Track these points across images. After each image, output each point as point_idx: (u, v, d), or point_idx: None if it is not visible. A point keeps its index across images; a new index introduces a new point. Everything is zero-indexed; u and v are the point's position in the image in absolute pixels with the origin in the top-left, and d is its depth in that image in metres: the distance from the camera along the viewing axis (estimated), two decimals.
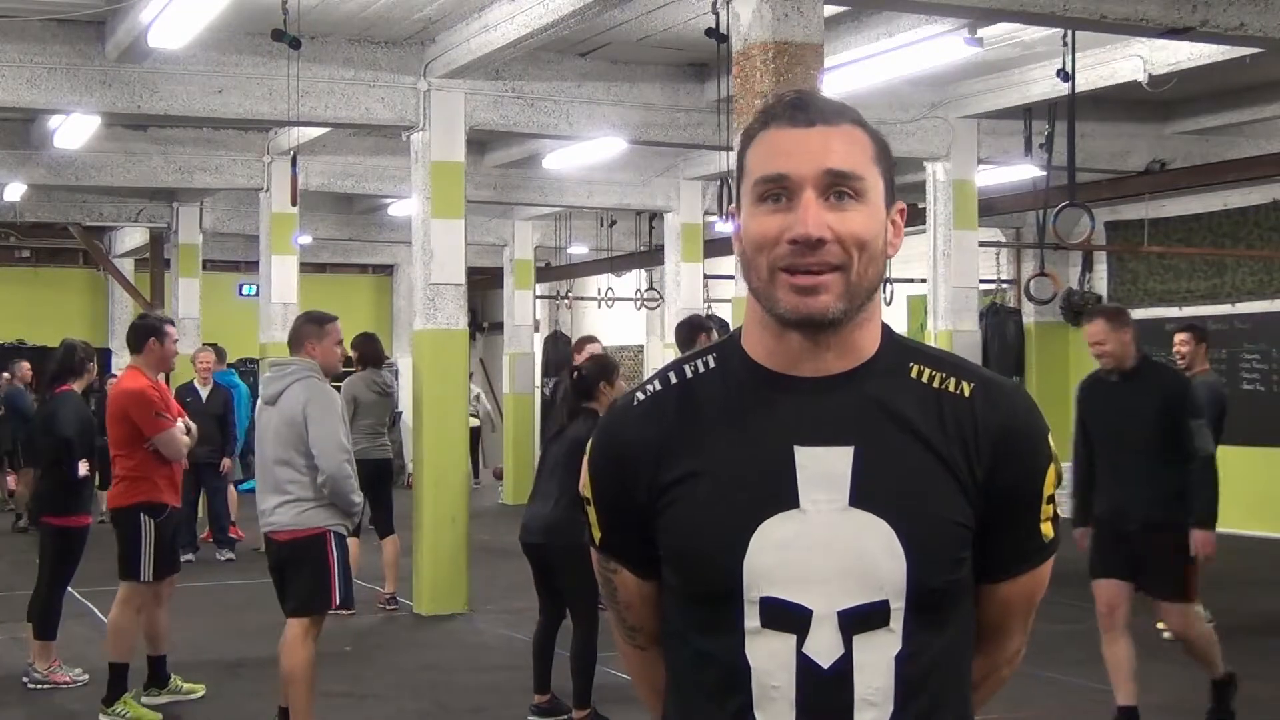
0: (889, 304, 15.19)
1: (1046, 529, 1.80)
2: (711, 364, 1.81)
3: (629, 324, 21.16)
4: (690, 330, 8.03)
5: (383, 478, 9.90)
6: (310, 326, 6.30)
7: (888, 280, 14.98)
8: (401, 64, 10.17)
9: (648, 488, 1.77)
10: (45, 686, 7.54)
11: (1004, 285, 16.80)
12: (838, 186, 1.69)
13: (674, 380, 1.81)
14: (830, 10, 7.70)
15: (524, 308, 19.29)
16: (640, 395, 1.83)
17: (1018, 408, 1.78)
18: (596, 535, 1.87)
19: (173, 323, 7.39)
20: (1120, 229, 15.17)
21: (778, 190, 1.70)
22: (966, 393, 1.76)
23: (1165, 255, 14.81)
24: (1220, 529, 8.57)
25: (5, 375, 16.71)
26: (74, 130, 11.68)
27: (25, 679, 7.64)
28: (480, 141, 13.75)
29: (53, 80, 9.53)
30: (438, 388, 10.21)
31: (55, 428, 7.41)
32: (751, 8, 6.53)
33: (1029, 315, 15.95)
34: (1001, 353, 15.56)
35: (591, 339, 9.49)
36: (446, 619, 9.75)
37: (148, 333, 7.02)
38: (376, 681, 7.74)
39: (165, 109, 10.05)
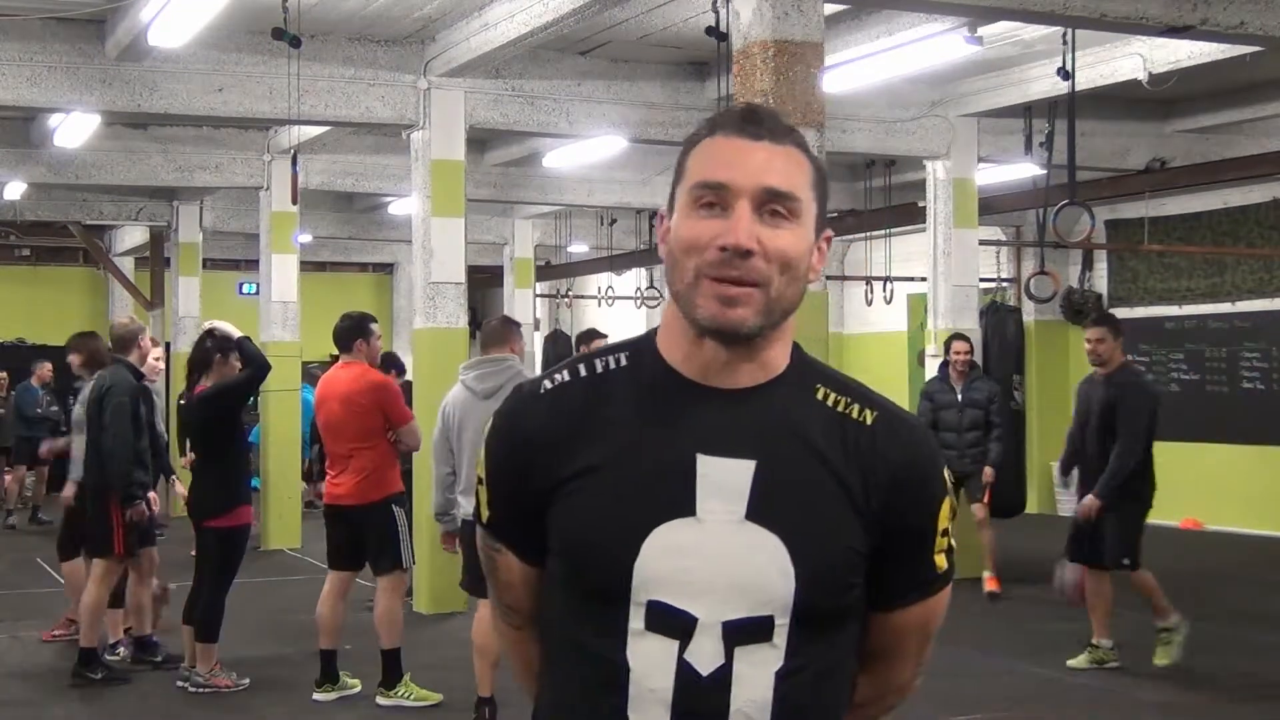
0: (889, 303, 15.20)
1: (940, 560, 1.80)
2: (624, 361, 1.82)
3: (629, 322, 21.15)
4: None
5: None
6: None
7: (887, 279, 15.06)
8: (401, 62, 10.17)
9: (545, 478, 1.77)
10: (207, 690, 7.43)
11: (1004, 284, 16.80)
12: (773, 204, 1.71)
13: (583, 373, 1.81)
14: (830, 8, 7.70)
15: (524, 306, 19.28)
16: (547, 384, 1.82)
17: (917, 442, 1.79)
18: (485, 514, 1.87)
19: (375, 320, 7.51)
20: (1120, 227, 15.17)
21: (714, 198, 1.72)
22: (869, 421, 1.77)
23: (1165, 254, 14.81)
24: (1221, 527, 8.55)
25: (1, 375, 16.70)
26: (74, 129, 11.67)
27: (184, 683, 7.51)
28: (480, 140, 13.75)
29: (53, 79, 9.53)
30: (438, 386, 10.19)
31: (214, 427, 7.40)
32: (751, 6, 6.53)
33: (1029, 314, 15.93)
34: (1001, 351, 15.50)
35: (597, 334, 9.48)
36: (446, 617, 9.75)
37: (356, 333, 7.26)
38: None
39: (165, 107, 10.05)
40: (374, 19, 9.65)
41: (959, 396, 10.22)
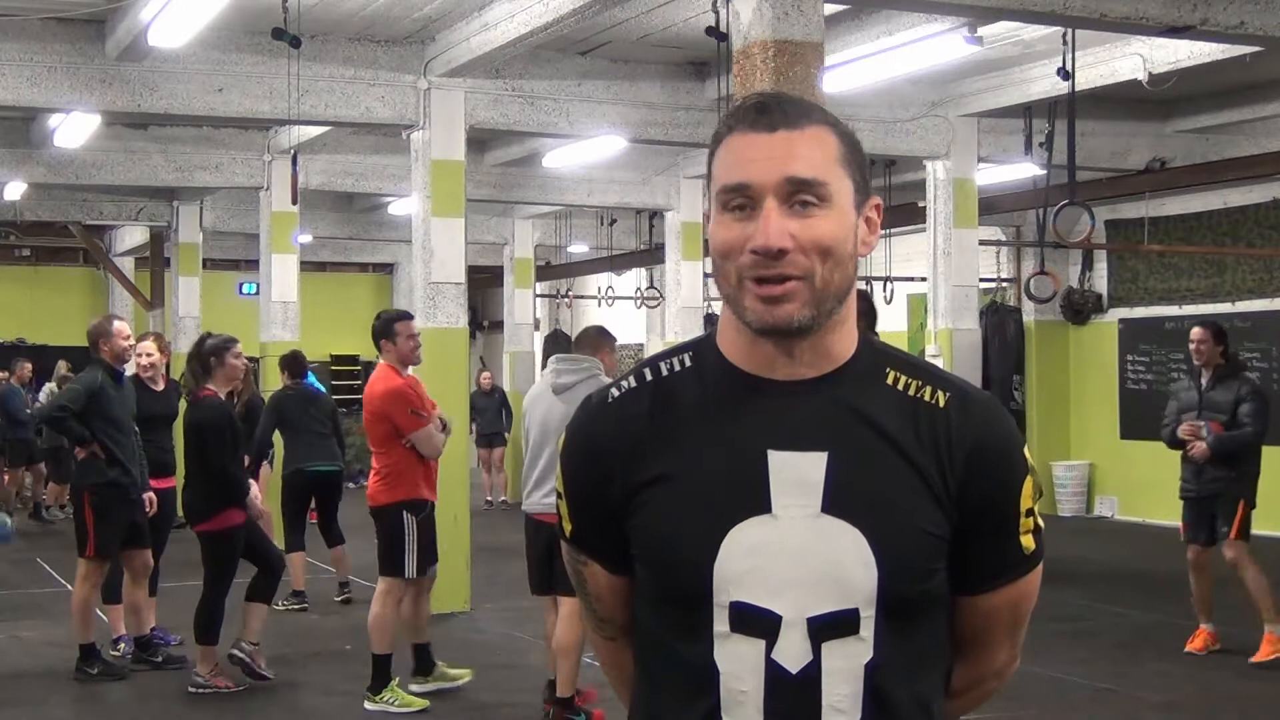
0: (889, 303, 15.19)
1: (1027, 541, 1.78)
2: (687, 362, 1.80)
3: (629, 323, 21.15)
4: None
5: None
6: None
7: (887, 279, 15.06)
8: (401, 62, 10.16)
9: (621, 486, 1.76)
10: (207, 691, 7.43)
11: (1004, 284, 16.80)
12: (800, 194, 1.68)
13: (649, 377, 1.81)
14: (830, 9, 7.69)
15: (524, 306, 19.28)
16: (615, 392, 1.82)
17: (992, 420, 1.76)
18: (567, 528, 1.87)
19: (411, 317, 7.47)
20: (1120, 227, 15.17)
21: (741, 199, 1.69)
22: (941, 403, 1.74)
23: (1165, 254, 14.81)
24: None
25: (3, 374, 16.71)
26: (74, 129, 11.68)
27: (189, 687, 7.52)
28: (480, 140, 13.75)
29: (53, 79, 9.53)
30: (438, 386, 10.19)
31: (200, 433, 7.39)
32: (751, 6, 6.52)
33: (1029, 314, 15.95)
34: (1001, 351, 15.53)
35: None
36: (448, 617, 9.75)
37: (380, 334, 7.21)
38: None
39: (165, 107, 10.05)
40: (374, 19, 9.65)
41: (1200, 396, 8.21)
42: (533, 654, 8.26)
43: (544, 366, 6.93)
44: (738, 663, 1.69)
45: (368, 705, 7.16)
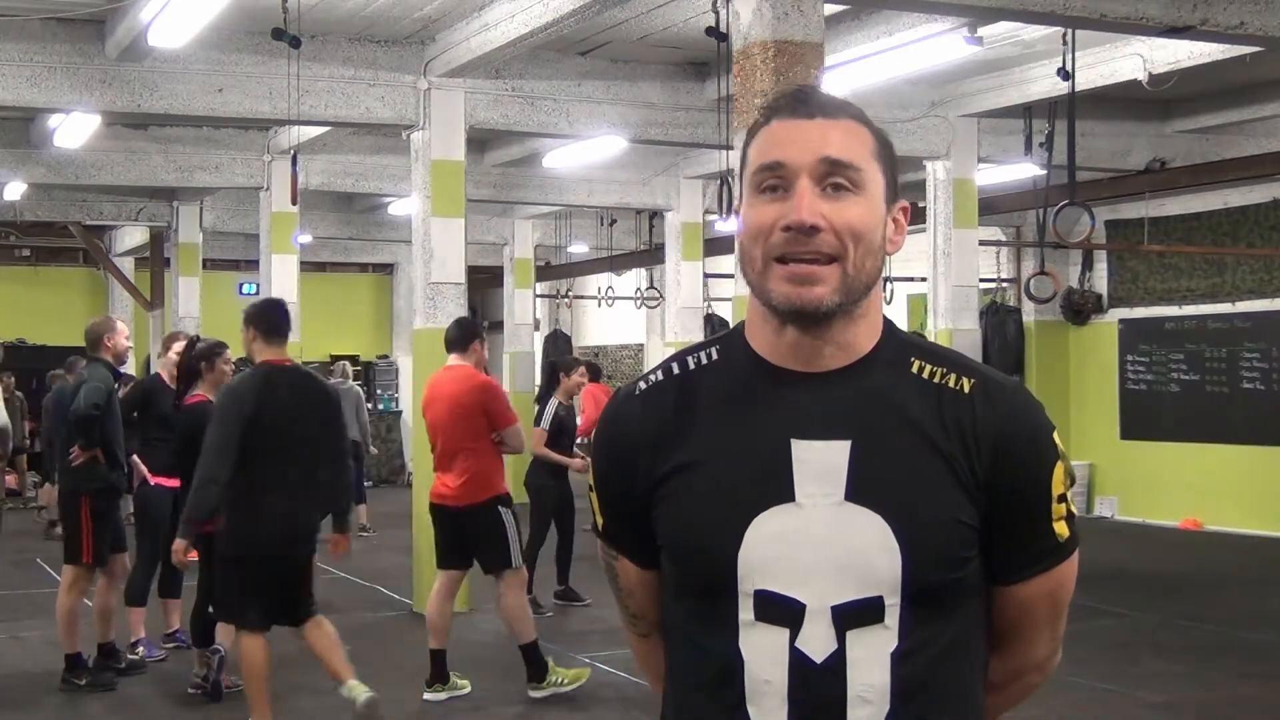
0: (889, 303, 15.19)
1: (1060, 529, 1.76)
2: (715, 355, 1.81)
3: (629, 323, 21.17)
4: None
5: None
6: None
7: (888, 279, 15.03)
8: (401, 63, 10.17)
9: (646, 477, 1.77)
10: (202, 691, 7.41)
11: (1004, 284, 16.80)
12: (835, 176, 1.69)
13: (676, 371, 1.81)
14: (830, 9, 7.70)
15: (524, 306, 19.29)
16: (642, 385, 1.83)
17: (1018, 407, 1.75)
18: (599, 522, 1.89)
19: (484, 326, 7.60)
20: (1120, 228, 15.17)
21: (775, 180, 1.70)
22: (966, 389, 1.74)
23: (1165, 254, 14.81)
24: (1221, 528, 8.51)
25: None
26: (74, 129, 11.68)
27: (189, 688, 7.48)
28: (480, 140, 13.75)
29: (53, 79, 9.53)
30: None
31: (197, 438, 7.34)
32: (752, 6, 6.52)
33: (1029, 314, 15.96)
34: (1001, 352, 15.56)
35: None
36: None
37: (471, 334, 7.26)
38: (376, 681, 7.73)
39: (165, 108, 10.05)
40: (374, 19, 9.65)
41: None
42: None
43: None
44: (762, 652, 1.69)
45: (534, 694, 7.20)
